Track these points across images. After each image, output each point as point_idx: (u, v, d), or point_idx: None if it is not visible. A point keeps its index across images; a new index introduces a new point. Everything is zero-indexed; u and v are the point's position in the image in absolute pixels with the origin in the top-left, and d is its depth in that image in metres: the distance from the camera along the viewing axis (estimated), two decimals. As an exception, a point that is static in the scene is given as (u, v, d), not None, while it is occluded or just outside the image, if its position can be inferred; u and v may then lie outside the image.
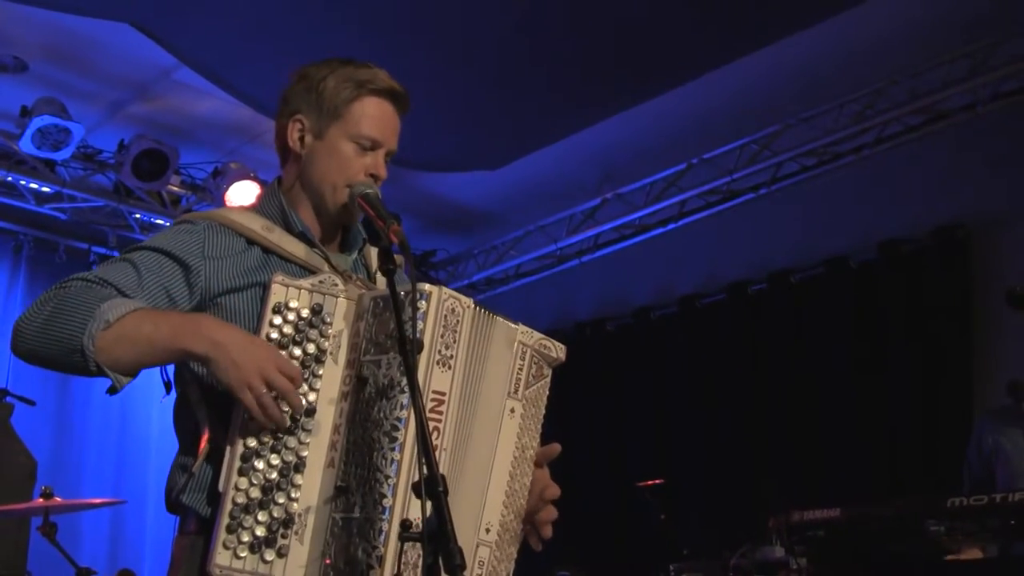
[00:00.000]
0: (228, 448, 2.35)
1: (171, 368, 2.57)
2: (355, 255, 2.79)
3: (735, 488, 7.57)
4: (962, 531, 4.06)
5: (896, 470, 6.85)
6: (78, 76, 7.05)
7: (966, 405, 6.73)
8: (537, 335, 2.69)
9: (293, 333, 2.41)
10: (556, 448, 2.73)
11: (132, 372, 2.39)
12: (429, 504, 2.09)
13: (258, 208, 2.73)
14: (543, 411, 2.71)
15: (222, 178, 7.84)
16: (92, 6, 6.17)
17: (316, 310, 2.44)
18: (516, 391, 2.64)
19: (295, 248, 2.63)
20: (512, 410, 2.63)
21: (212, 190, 7.98)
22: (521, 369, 2.65)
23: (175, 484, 2.51)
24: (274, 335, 2.40)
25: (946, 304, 6.97)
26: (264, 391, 2.28)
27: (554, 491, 2.73)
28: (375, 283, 2.70)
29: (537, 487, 2.69)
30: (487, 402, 2.56)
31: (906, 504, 4.28)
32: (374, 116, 2.67)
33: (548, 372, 2.73)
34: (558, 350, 2.73)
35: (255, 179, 7.83)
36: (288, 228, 2.66)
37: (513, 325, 2.64)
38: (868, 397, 7.15)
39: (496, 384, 2.59)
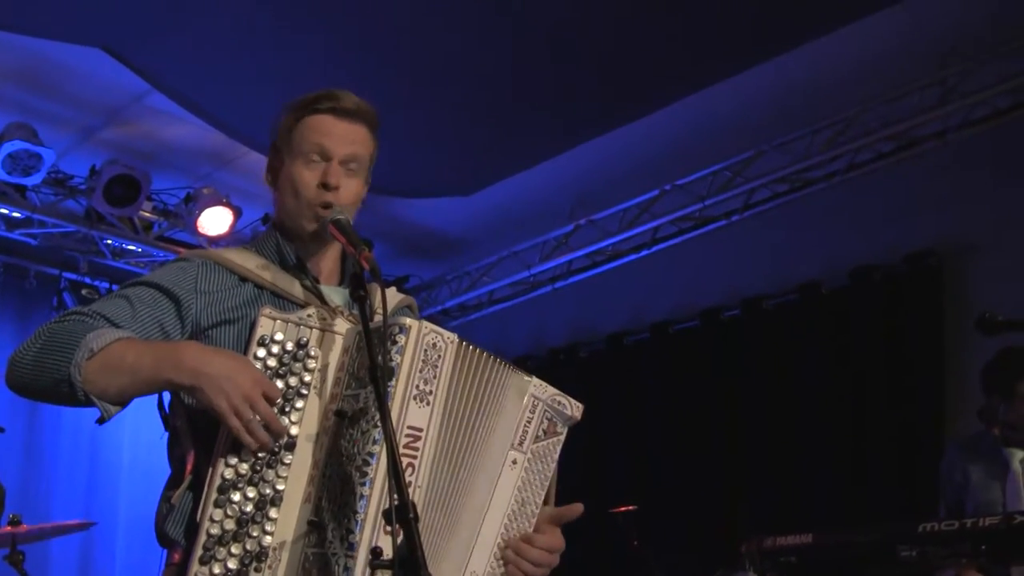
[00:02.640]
0: (207, 479, 2.34)
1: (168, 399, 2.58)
2: None
3: (708, 514, 7.57)
4: (934, 556, 4.07)
5: (868, 495, 6.86)
6: (49, 101, 7.01)
7: (937, 430, 6.75)
8: (552, 390, 2.67)
9: (277, 366, 2.40)
10: (578, 508, 2.70)
11: (120, 402, 2.40)
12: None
13: (256, 247, 2.75)
14: (552, 468, 2.68)
15: (194, 204, 7.82)
16: (64, 31, 6.15)
17: (301, 344, 2.43)
18: (521, 443, 2.61)
19: (287, 284, 2.64)
20: (514, 462, 2.60)
21: (184, 216, 7.95)
22: (529, 422, 2.62)
23: (160, 514, 2.51)
24: (258, 367, 2.39)
25: (917, 330, 7.00)
26: (251, 416, 2.29)
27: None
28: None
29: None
30: (485, 448, 2.54)
31: (878, 529, 4.29)
32: (314, 131, 2.67)
33: (563, 431, 2.70)
34: (574, 408, 2.70)
35: (228, 205, 7.81)
36: (284, 264, 2.68)
37: (526, 377, 2.62)
38: (840, 423, 7.16)
39: (498, 432, 2.57)
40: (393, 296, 2.84)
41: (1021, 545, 3.98)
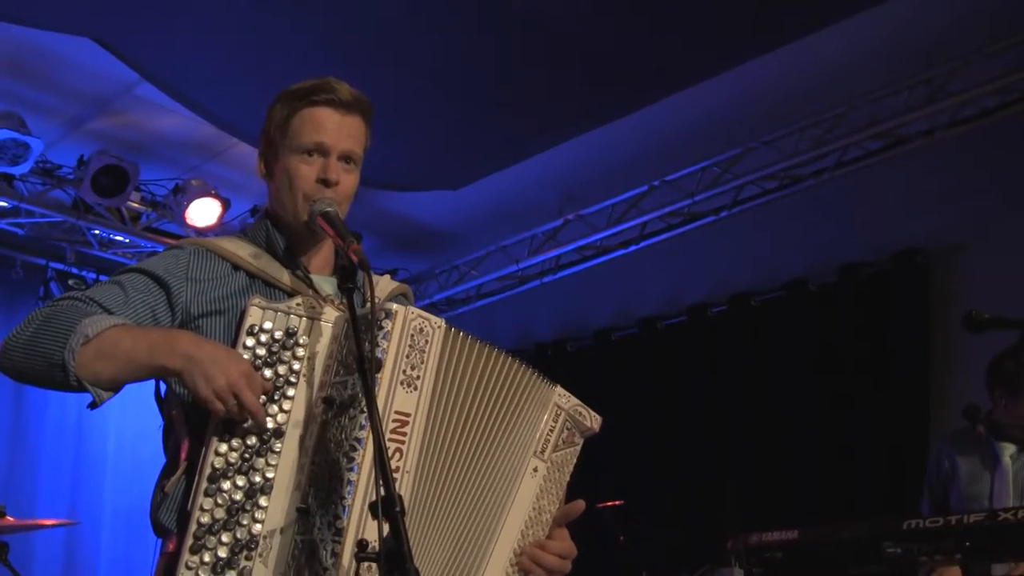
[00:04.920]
0: (198, 468, 2.35)
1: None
2: None
3: (694, 509, 7.58)
4: (919, 553, 4.08)
5: (854, 492, 6.88)
6: (38, 90, 6.99)
7: (922, 427, 6.77)
8: (574, 400, 2.71)
9: (266, 355, 2.41)
10: (580, 506, 2.71)
11: (113, 387, 2.41)
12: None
13: (248, 235, 2.75)
14: (567, 478, 2.71)
15: (183, 195, 7.80)
16: (53, 20, 6.12)
17: (290, 332, 2.43)
18: (543, 451, 2.65)
19: (279, 273, 2.64)
20: (535, 469, 2.64)
21: (173, 207, 7.92)
22: (552, 431, 2.67)
23: (154, 503, 2.51)
24: (246, 356, 2.39)
25: (904, 328, 7.02)
26: (233, 403, 2.30)
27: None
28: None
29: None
30: (489, 437, 2.56)
31: (863, 526, 4.29)
32: (312, 123, 2.64)
33: (579, 441, 2.74)
34: (592, 420, 2.74)
35: (216, 196, 7.79)
36: (273, 253, 2.67)
37: (551, 385, 2.67)
38: (826, 419, 7.18)
39: (512, 428, 2.60)
40: (387, 284, 2.85)
41: (1005, 542, 4.00)
